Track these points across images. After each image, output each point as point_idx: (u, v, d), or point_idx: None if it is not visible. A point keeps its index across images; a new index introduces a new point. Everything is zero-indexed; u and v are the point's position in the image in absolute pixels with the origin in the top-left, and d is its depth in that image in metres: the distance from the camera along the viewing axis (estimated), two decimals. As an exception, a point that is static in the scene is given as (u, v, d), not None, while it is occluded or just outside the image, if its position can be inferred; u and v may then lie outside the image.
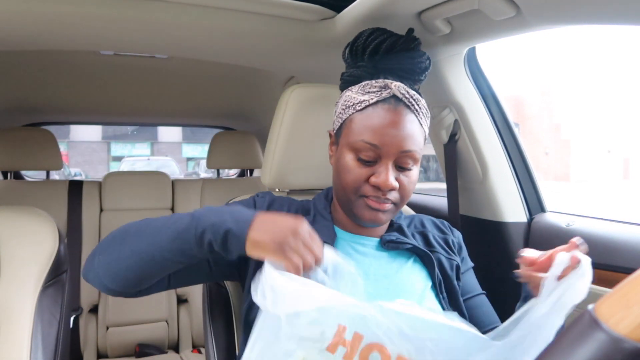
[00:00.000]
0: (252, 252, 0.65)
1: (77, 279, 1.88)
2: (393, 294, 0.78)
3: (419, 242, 0.87)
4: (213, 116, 2.65)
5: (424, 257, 0.84)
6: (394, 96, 0.76)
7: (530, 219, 1.25)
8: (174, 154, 21.08)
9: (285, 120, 1.03)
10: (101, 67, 1.81)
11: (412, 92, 0.77)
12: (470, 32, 1.01)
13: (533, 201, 1.28)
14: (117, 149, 21.85)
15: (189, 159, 22.01)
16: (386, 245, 0.83)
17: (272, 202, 0.87)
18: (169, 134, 22.01)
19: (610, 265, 1.00)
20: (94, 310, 1.95)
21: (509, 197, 1.26)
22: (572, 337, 0.29)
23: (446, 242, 0.90)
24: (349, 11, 1.08)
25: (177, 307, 2.04)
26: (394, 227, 0.87)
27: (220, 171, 2.40)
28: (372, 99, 0.76)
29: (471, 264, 0.93)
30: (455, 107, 1.25)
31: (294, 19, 1.13)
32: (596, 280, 1.03)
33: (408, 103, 0.76)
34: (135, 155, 18.90)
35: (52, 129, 2.17)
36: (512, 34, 0.97)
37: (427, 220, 0.95)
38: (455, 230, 0.95)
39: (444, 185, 1.37)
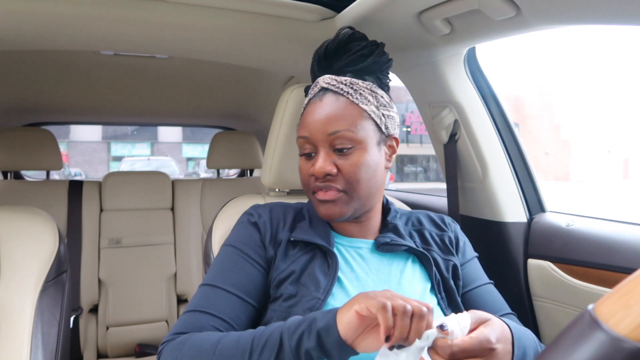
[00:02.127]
0: (347, 333, 0.57)
1: (77, 279, 1.88)
2: None
3: (416, 241, 0.86)
4: (213, 116, 2.65)
5: (422, 257, 0.83)
6: (323, 88, 0.79)
7: (530, 219, 1.25)
8: (174, 154, 21.08)
9: (285, 120, 1.03)
10: (101, 67, 1.81)
11: (343, 78, 0.79)
12: (470, 32, 1.01)
13: (533, 201, 1.28)
14: (117, 149, 21.85)
15: (189, 159, 22.02)
16: (381, 247, 0.81)
17: (271, 213, 0.85)
18: (169, 134, 22.01)
19: (610, 265, 1.00)
20: (94, 310, 1.95)
21: (509, 197, 1.26)
22: (571, 337, 0.29)
23: (443, 240, 0.89)
24: (349, 11, 1.08)
25: (177, 307, 2.04)
26: (388, 227, 0.86)
27: (220, 171, 2.40)
28: (306, 100, 0.80)
29: (474, 254, 0.91)
30: (455, 107, 1.25)
31: (294, 19, 1.13)
32: (596, 280, 1.03)
33: (336, 89, 0.77)
34: (135, 155, 18.91)
35: (52, 129, 2.17)
36: (512, 34, 0.97)
37: (424, 216, 0.93)
38: (453, 224, 0.93)
39: (444, 186, 1.37)
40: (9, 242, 0.89)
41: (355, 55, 0.81)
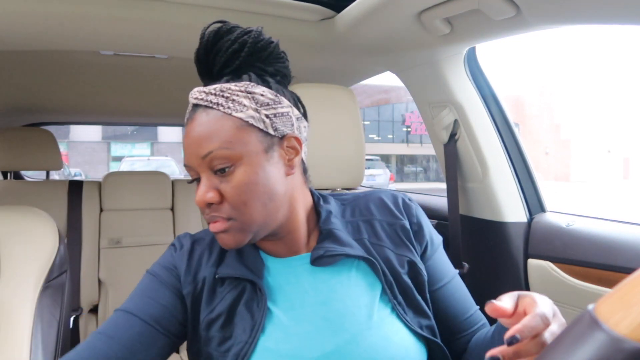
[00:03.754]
0: None
1: (77, 279, 1.88)
2: (334, 321, 0.67)
3: (363, 236, 0.74)
4: None
5: (367, 260, 0.71)
6: (193, 105, 0.68)
7: (530, 219, 1.25)
8: (174, 154, 21.08)
9: (285, 120, 1.02)
10: (101, 67, 1.80)
11: (212, 87, 0.67)
12: (470, 32, 1.01)
13: (533, 201, 1.28)
14: (117, 149, 21.85)
15: (189, 159, 22.00)
16: (316, 262, 0.70)
17: (193, 244, 0.75)
18: (169, 134, 22.01)
19: (610, 265, 1.00)
20: (94, 310, 1.95)
21: (509, 197, 1.26)
22: (571, 337, 0.29)
23: (395, 231, 0.76)
24: (349, 11, 1.08)
25: (177, 307, 2.04)
26: (323, 234, 0.73)
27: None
28: (185, 121, 0.68)
29: (439, 241, 0.80)
30: (455, 107, 1.25)
31: (294, 19, 1.13)
32: (596, 280, 1.03)
33: (205, 103, 0.66)
34: (135, 156, 18.90)
35: (52, 129, 2.17)
36: (512, 34, 0.97)
37: (375, 201, 0.79)
38: (411, 207, 0.79)
39: (444, 185, 1.37)
40: (8, 242, 0.89)
41: (226, 54, 0.69)
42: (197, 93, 0.68)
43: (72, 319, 1.80)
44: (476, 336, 0.76)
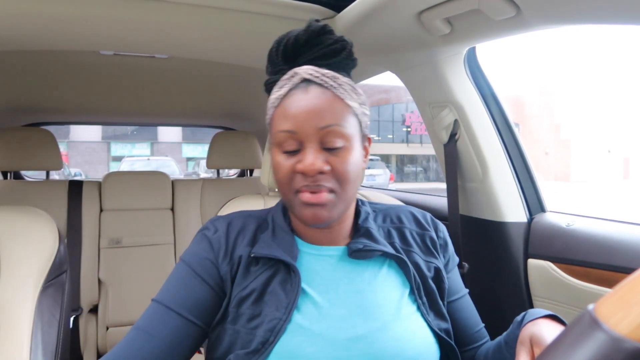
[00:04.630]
0: None
1: (77, 279, 1.88)
2: (367, 309, 0.72)
3: (394, 241, 0.80)
4: (213, 116, 2.65)
5: (399, 260, 0.77)
6: (305, 80, 0.71)
7: (530, 219, 1.25)
8: (174, 154, 21.09)
9: (285, 120, 1.02)
10: (101, 67, 1.81)
11: (325, 71, 0.72)
12: (470, 32, 1.01)
13: (533, 201, 1.28)
14: (117, 149, 21.85)
15: (189, 159, 22.02)
16: (353, 255, 0.75)
17: (228, 227, 0.79)
18: (169, 134, 22.02)
19: (610, 265, 1.00)
20: (94, 310, 1.95)
21: (509, 197, 1.26)
22: (571, 337, 0.29)
23: (424, 240, 0.82)
24: (349, 11, 1.08)
25: (177, 307, 2.04)
26: (360, 231, 0.78)
27: (220, 171, 2.40)
28: (283, 92, 0.72)
29: (456, 260, 0.86)
30: (455, 107, 1.25)
31: (294, 19, 1.13)
32: (596, 280, 1.03)
33: (320, 81, 0.70)
34: (135, 155, 18.91)
35: (52, 129, 2.17)
36: (512, 34, 0.97)
37: (406, 213, 0.86)
38: (439, 224, 0.86)
39: (444, 185, 1.37)
40: (8, 242, 0.89)
41: (328, 48, 0.75)
42: (310, 69, 0.72)
43: (72, 318, 1.80)
44: (483, 347, 0.81)
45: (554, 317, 0.68)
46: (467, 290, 0.86)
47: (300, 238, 0.78)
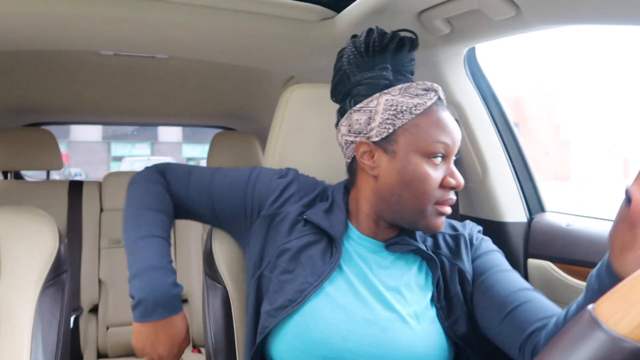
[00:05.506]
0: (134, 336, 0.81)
1: (77, 279, 1.88)
2: (390, 299, 0.76)
3: (427, 244, 0.84)
4: (213, 116, 2.65)
5: (430, 261, 0.81)
6: (439, 97, 0.80)
7: (530, 219, 1.25)
8: (174, 154, 21.08)
9: (285, 120, 1.03)
10: (101, 67, 1.81)
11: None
12: (470, 32, 1.01)
13: (533, 201, 1.28)
14: (117, 149, 21.85)
15: (189, 159, 22.01)
16: (390, 248, 0.81)
17: (291, 181, 0.88)
18: (169, 134, 22.01)
19: (610, 265, 1.00)
20: (94, 310, 1.95)
21: (509, 197, 1.26)
22: (571, 336, 0.29)
23: (456, 241, 0.84)
24: (349, 11, 1.08)
25: (177, 307, 2.04)
26: (401, 229, 0.84)
27: (220, 171, 2.40)
28: (425, 101, 0.77)
29: (492, 248, 0.85)
30: (455, 107, 1.25)
31: (294, 19, 1.13)
32: (596, 280, 1.03)
33: (445, 102, 0.81)
34: (135, 155, 18.92)
35: (52, 129, 2.17)
36: (512, 34, 0.97)
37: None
38: (468, 223, 0.89)
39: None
40: (9, 242, 0.89)
41: (411, 65, 0.84)
42: (439, 89, 0.81)
43: (72, 318, 1.80)
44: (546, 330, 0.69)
45: None
46: (514, 271, 0.81)
47: (351, 221, 0.84)
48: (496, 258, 0.83)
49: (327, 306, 0.74)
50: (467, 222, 0.89)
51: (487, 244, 0.86)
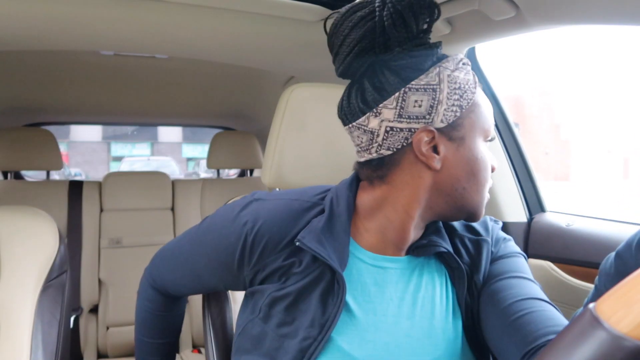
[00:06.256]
0: None
1: (77, 279, 1.88)
2: (416, 341, 0.63)
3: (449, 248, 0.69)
4: (213, 116, 2.65)
5: (455, 271, 0.67)
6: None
7: (530, 219, 1.25)
8: (174, 154, 21.08)
9: (285, 120, 1.03)
10: (101, 67, 1.81)
11: None
12: (470, 32, 1.01)
13: (533, 201, 1.28)
14: (117, 149, 21.84)
15: (189, 159, 22.00)
16: (416, 251, 0.67)
17: (256, 231, 0.66)
18: (169, 134, 22.00)
19: (610, 265, 1.00)
20: (94, 310, 1.95)
21: (509, 197, 1.26)
22: (573, 335, 0.29)
23: (479, 248, 0.69)
24: (349, 11, 1.08)
25: (177, 307, 2.04)
26: (429, 228, 0.69)
27: (220, 171, 2.40)
28: (472, 76, 0.67)
29: (513, 251, 0.72)
30: (455, 107, 1.25)
31: (294, 19, 1.13)
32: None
33: None
34: (135, 156, 18.92)
35: (52, 129, 2.17)
36: (512, 34, 0.97)
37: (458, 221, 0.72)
38: (490, 222, 0.74)
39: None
40: (9, 243, 0.89)
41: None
42: None
43: (72, 318, 1.80)
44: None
45: None
46: (532, 280, 0.68)
47: (359, 240, 0.67)
48: (513, 263, 0.69)
49: None
50: (488, 221, 0.74)
51: (508, 246, 0.73)
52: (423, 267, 0.68)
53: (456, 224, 0.72)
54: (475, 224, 0.72)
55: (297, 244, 0.63)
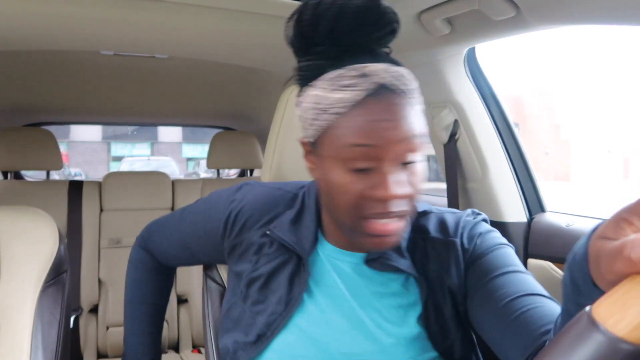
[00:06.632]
0: None
1: (77, 279, 1.88)
2: (370, 327, 0.66)
3: (416, 255, 0.69)
4: (213, 116, 2.65)
5: (418, 278, 0.67)
6: (381, 85, 0.59)
7: (530, 219, 1.25)
8: (174, 154, 21.08)
9: (285, 120, 1.03)
10: (101, 67, 1.81)
11: (395, 70, 0.61)
12: (470, 32, 1.01)
13: (533, 201, 1.28)
14: (117, 149, 21.85)
15: (189, 159, 22.01)
16: (369, 263, 0.68)
17: (241, 206, 0.77)
18: (169, 134, 22.01)
19: (609, 265, 1.00)
20: (94, 310, 1.95)
21: (509, 197, 1.26)
22: (569, 338, 0.29)
23: (447, 251, 0.68)
24: (349, 11, 1.08)
25: (177, 307, 2.04)
26: None
27: (220, 171, 2.40)
28: (352, 96, 0.58)
29: (496, 244, 0.68)
30: (455, 107, 1.25)
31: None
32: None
33: (393, 87, 0.59)
34: (135, 156, 18.92)
35: (52, 129, 2.17)
36: (512, 34, 0.97)
37: (434, 220, 0.72)
38: (463, 219, 0.71)
39: (444, 185, 1.37)
40: (8, 242, 0.89)
41: (389, 29, 0.63)
42: (383, 72, 0.60)
43: (72, 318, 1.81)
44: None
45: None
46: (523, 271, 0.66)
47: (322, 232, 0.72)
48: (497, 258, 0.66)
49: (298, 341, 0.66)
50: (463, 216, 0.72)
51: (487, 240, 0.69)
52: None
53: (431, 224, 0.71)
54: (448, 222, 0.71)
55: (268, 232, 0.72)
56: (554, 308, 0.59)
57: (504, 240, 0.71)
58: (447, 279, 0.67)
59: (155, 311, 0.99)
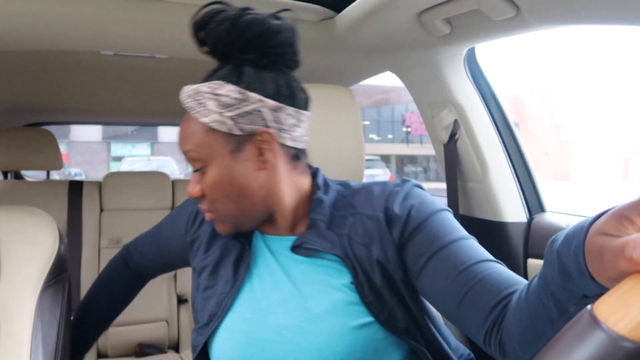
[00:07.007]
0: None
1: (77, 279, 1.88)
2: (299, 299, 0.71)
3: (343, 232, 0.72)
4: None
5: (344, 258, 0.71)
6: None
7: (530, 219, 1.25)
8: (174, 154, 21.07)
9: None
10: (101, 67, 1.81)
11: (190, 89, 0.72)
12: (470, 32, 1.01)
13: (533, 201, 1.28)
14: (117, 149, 21.85)
15: (189, 159, 21.99)
16: (295, 250, 0.73)
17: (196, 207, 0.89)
18: (169, 134, 22.00)
19: (610, 265, 1.00)
20: (94, 310, 1.95)
21: (509, 197, 1.26)
22: (570, 336, 0.29)
23: (374, 224, 0.70)
24: (349, 11, 1.08)
25: (177, 307, 2.04)
26: (309, 224, 0.73)
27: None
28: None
29: (430, 212, 0.70)
30: (455, 107, 1.25)
31: (293, 19, 1.13)
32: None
33: (184, 105, 0.71)
34: (135, 156, 18.93)
35: (52, 129, 2.17)
36: (512, 34, 0.97)
37: (363, 197, 0.74)
38: (387, 189, 0.73)
39: (444, 185, 1.37)
40: (9, 243, 0.89)
41: (215, 37, 0.72)
42: (183, 93, 0.74)
43: (72, 318, 1.80)
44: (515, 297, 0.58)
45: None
46: (466, 237, 0.69)
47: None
48: (436, 226, 0.68)
49: (243, 317, 0.73)
50: (389, 187, 0.74)
51: (422, 209, 0.69)
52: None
53: (359, 200, 0.74)
54: (375, 196, 0.73)
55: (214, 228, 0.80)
56: (505, 273, 0.63)
57: (439, 205, 0.72)
58: (375, 252, 0.70)
59: (107, 314, 1.11)
